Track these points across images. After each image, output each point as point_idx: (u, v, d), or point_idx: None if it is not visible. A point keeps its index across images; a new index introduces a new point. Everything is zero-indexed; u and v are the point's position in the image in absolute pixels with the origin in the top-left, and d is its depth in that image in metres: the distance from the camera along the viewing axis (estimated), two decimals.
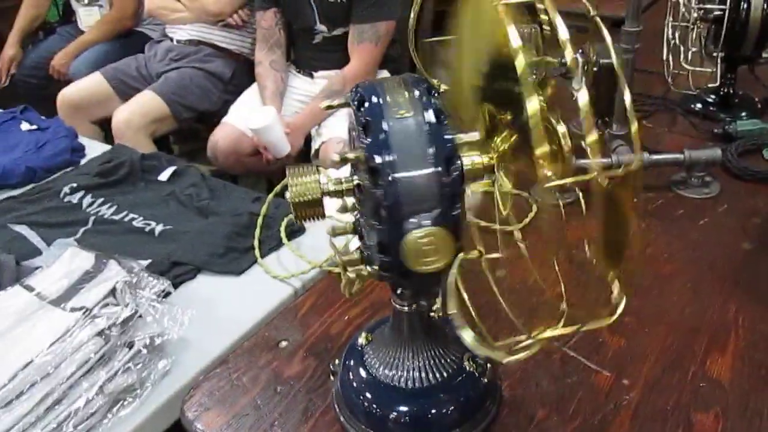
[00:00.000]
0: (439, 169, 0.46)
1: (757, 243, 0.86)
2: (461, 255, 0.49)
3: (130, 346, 0.72)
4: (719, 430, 0.61)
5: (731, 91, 1.21)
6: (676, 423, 0.62)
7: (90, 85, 2.23)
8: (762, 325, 0.73)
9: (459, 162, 0.47)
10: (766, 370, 0.67)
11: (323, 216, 0.53)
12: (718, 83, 1.17)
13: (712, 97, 1.22)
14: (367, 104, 0.48)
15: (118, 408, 0.70)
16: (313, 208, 0.51)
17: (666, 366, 0.68)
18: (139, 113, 2.05)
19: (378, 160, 0.46)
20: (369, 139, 0.46)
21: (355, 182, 0.50)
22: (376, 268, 0.51)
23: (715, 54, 1.14)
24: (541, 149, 0.40)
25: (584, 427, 0.62)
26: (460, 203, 0.48)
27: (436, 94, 0.48)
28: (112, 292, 0.74)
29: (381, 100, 0.47)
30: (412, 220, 0.46)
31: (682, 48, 1.15)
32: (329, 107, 0.53)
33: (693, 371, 0.68)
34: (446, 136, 0.46)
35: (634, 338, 0.72)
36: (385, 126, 0.46)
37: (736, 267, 0.82)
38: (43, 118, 1.46)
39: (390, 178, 0.45)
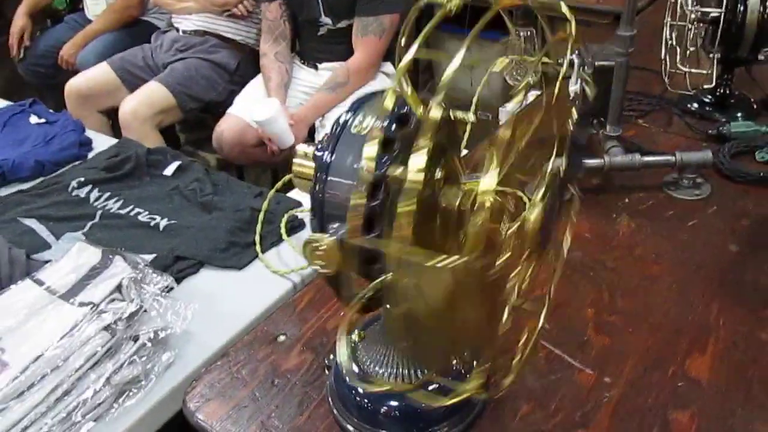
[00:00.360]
0: (360, 188, 0.47)
1: (744, 245, 0.89)
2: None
3: (135, 339, 0.75)
4: (694, 428, 0.64)
5: (728, 92, 1.22)
6: (653, 421, 0.65)
7: (97, 75, 2.26)
8: (742, 327, 0.75)
9: (386, 193, 0.48)
10: (743, 371, 0.70)
11: None
12: (714, 84, 1.19)
13: (709, 97, 1.24)
14: (348, 110, 0.51)
15: (124, 398, 0.73)
16: None
17: (647, 365, 0.71)
18: (145, 104, 2.08)
19: (319, 157, 0.49)
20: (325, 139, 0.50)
21: None
22: None
23: (711, 55, 1.16)
24: None
25: (566, 423, 0.65)
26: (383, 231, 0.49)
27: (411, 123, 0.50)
28: (118, 288, 0.77)
29: (353, 112, 0.50)
30: (326, 221, 0.49)
31: (679, 48, 1.17)
32: None
33: (673, 371, 0.70)
34: (380, 166, 0.48)
35: (619, 337, 0.75)
36: (340, 133, 0.49)
37: (721, 268, 0.85)
38: (51, 111, 1.49)
39: (322, 177, 0.49)
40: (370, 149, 0.47)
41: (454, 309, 0.55)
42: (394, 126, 0.49)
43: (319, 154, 0.51)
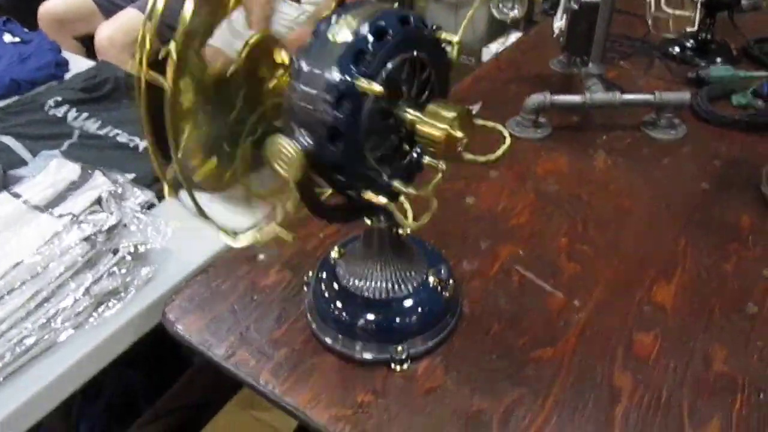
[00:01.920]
0: (327, 96, 0.48)
1: (715, 184, 0.91)
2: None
3: (115, 252, 0.76)
4: (656, 348, 0.67)
5: (709, 38, 1.23)
6: (618, 341, 0.68)
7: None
8: (707, 259, 0.78)
9: (355, 104, 0.48)
10: (706, 299, 0.73)
11: None
12: (696, 28, 1.20)
13: (690, 42, 1.25)
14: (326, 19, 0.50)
15: (103, 309, 0.74)
16: None
17: (615, 291, 0.74)
18: (122, 31, 2.03)
19: (295, 63, 0.49)
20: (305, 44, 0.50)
21: None
22: None
23: None
24: None
25: (535, 341, 0.68)
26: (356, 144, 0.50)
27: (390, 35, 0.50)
28: (98, 200, 0.77)
29: (335, 18, 0.49)
30: (293, 126, 0.49)
31: None
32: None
33: (639, 297, 0.73)
34: (348, 73, 0.48)
35: (589, 265, 0.77)
36: (315, 41, 0.49)
37: (691, 205, 0.87)
38: (26, 31, 1.45)
39: (294, 84, 0.49)
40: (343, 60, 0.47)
41: None
42: (370, 38, 0.49)
43: (294, 59, 0.51)
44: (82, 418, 1.20)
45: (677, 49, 1.25)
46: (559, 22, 1.08)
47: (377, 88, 0.47)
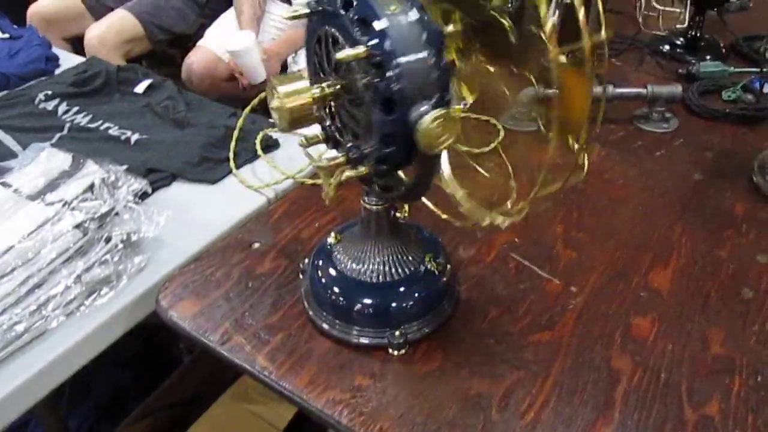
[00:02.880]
0: (434, 55, 0.49)
1: (708, 174, 0.92)
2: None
3: (107, 240, 0.75)
4: (654, 331, 0.67)
5: (698, 35, 1.25)
6: (616, 325, 0.68)
7: (62, 0, 2.18)
8: (702, 246, 0.78)
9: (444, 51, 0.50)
10: (702, 284, 0.73)
11: (314, 120, 0.56)
12: (686, 25, 1.21)
13: (680, 39, 1.26)
14: (356, 3, 0.50)
15: (95, 297, 0.73)
16: (303, 112, 0.54)
17: (612, 276, 0.74)
18: (112, 31, 2.02)
19: (383, 48, 0.48)
20: (367, 35, 0.49)
21: (337, 87, 0.53)
22: (369, 165, 0.53)
23: None
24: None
25: (532, 325, 0.68)
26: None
27: None
28: (90, 188, 0.76)
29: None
30: (419, 106, 0.49)
31: None
32: (294, 17, 0.55)
33: (636, 282, 0.73)
34: (434, 26, 0.49)
35: (585, 252, 0.77)
36: (383, 20, 0.48)
37: (685, 194, 0.88)
38: (16, 27, 1.43)
39: (395, 63, 0.48)
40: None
41: None
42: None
43: (383, 48, 0.49)
44: (71, 416, 1.19)
45: (667, 46, 1.26)
46: (552, 18, 1.08)
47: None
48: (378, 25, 0.48)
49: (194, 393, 1.19)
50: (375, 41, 0.48)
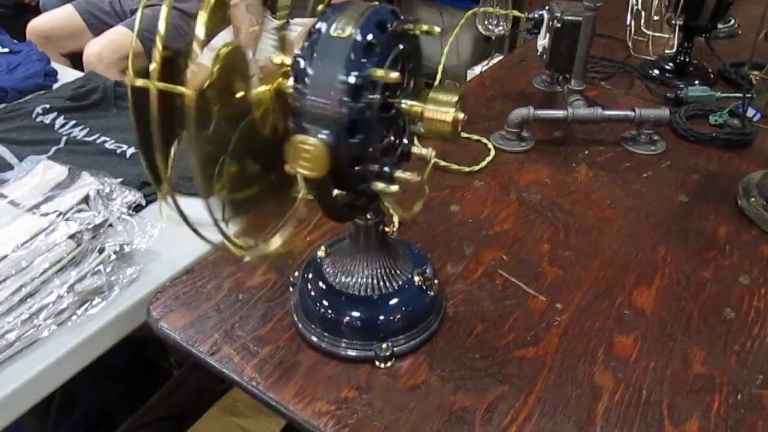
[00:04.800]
0: (343, 90, 0.49)
1: (693, 197, 0.93)
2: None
3: (101, 251, 0.76)
4: (636, 349, 0.68)
5: (687, 60, 1.27)
6: (599, 342, 0.69)
7: (61, 16, 2.20)
8: (686, 266, 0.80)
9: (371, 97, 0.50)
10: (685, 304, 0.74)
11: None
12: (675, 50, 1.24)
13: (669, 64, 1.28)
14: (323, 18, 0.52)
15: (87, 307, 0.74)
16: None
17: (597, 295, 0.75)
18: (111, 48, 2.04)
19: (300, 64, 0.50)
20: (305, 45, 0.51)
21: None
22: None
23: (674, 22, 1.20)
24: None
25: (517, 341, 0.69)
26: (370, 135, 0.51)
27: (392, 27, 0.51)
28: (85, 199, 0.77)
29: (333, 17, 0.51)
30: (309, 125, 0.50)
31: (643, 13, 1.21)
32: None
33: (620, 300, 0.75)
34: (360, 66, 0.49)
35: (571, 270, 0.79)
36: (317, 39, 0.50)
37: (670, 216, 0.89)
38: (15, 42, 1.46)
39: (305, 81, 0.49)
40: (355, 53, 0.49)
41: None
42: (375, 31, 0.50)
43: (298, 60, 0.52)
44: (58, 428, 1.18)
45: (657, 71, 1.28)
46: (543, 41, 1.11)
47: (394, 75, 0.48)
48: (312, 42, 0.50)
49: (183, 407, 1.19)
50: (302, 53, 0.51)
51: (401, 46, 0.52)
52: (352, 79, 0.48)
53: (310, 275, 0.70)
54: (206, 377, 1.25)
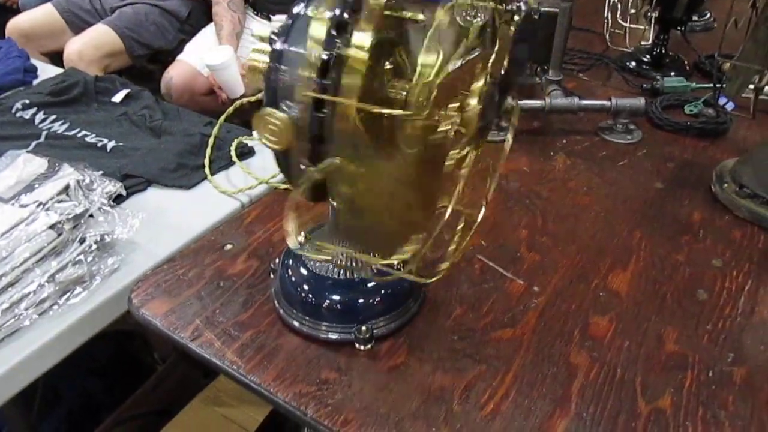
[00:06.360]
0: (311, 70, 0.50)
1: (668, 183, 0.95)
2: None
3: (82, 241, 0.76)
4: (611, 329, 0.70)
5: (663, 52, 1.29)
6: (575, 323, 0.70)
7: (41, 15, 2.20)
8: (661, 250, 0.81)
9: (338, 74, 0.50)
10: (660, 286, 0.76)
11: None
12: (651, 42, 1.26)
13: (646, 56, 1.30)
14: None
15: (68, 297, 0.74)
16: None
17: (573, 278, 0.77)
18: (92, 46, 2.04)
19: (275, 42, 0.51)
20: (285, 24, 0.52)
21: None
22: None
23: (649, 14, 1.22)
24: None
25: (495, 323, 0.70)
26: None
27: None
28: (65, 189, 0.78)
29: (308, 2, 0.52)
30: (278, 99, 0.51)
31: (620, 5, 1.23)
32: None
33: (596, 283, 0.76)
34: (332, 44, 0.49)
35: (548, 255, 0.80)
36: (295, 22, 0.51)
37: (646, 202, 0.91)
38: None
39: (276, 62, 0.51)
40: (319, 28, 0.50)
41: (395, 196, 0.58)
42: (346, 11, 0.51)
43: (273, 38, 0.53)
44: (42, 423, 1.18)
45: (633, 63, 1.30)
46: None
47: (361, 54, 0.49)
48: (289, 21, 0.52)
49: (167, 402, 1.19)
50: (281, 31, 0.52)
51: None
52: (323, 56, 0.49)
53: (291, 261, 0.70)
54: (190, 371, 1.25)
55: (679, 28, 1.28)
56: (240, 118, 1.07)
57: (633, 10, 1.28)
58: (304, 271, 0.69)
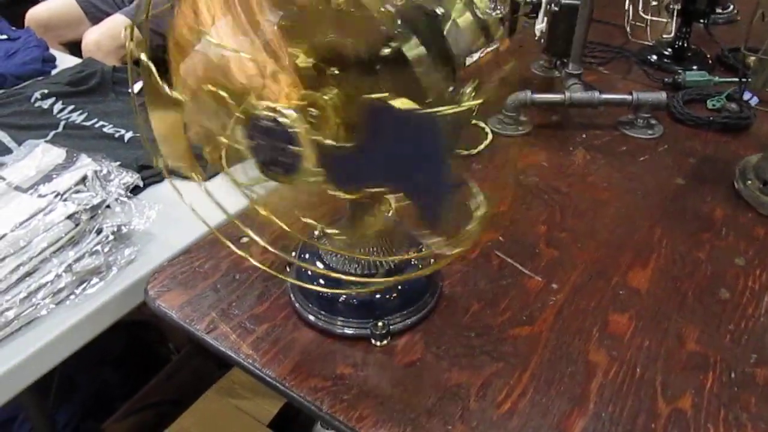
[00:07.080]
0: None
1: (690, 179, 0.94)
2: None
3: (99, 231, 0.76)
4: (631, 327, 0.69)
5: (685, 45, 1.27)
6: (594, 321, 0.69)
7: (60, 5, 2.20)
8: (682, 247, 0.80)
9: None
10: (680, 284, 0.75)
11: None
12: (673, 35, 1.24)
13: (668, 50, 1.28)
14: None
15: (85, 287, 0.74)
16: None
17: (592, 275, 0.76)
18: (109, 36, 2.04)
19: None
20: None
21: None
22: None
23: (672, 6, 1.20)
24: None
25: (513, 319, 0.69)
26: None
27: None
28: (83, 180, 0.78)
29: None
30: None
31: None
32: None
33: (615, 280, 0.75)
34: None
35: (567, 251, 0.79)
36: None
37: (666, 198, 0.89)
38: (13, 28, 1.46)
39: None
40: None
41: None
42: None
43: None
44: (57, 412, 1.19)
45: (654, 56, 1.28)
46: (540, 25, 1.11)
47: None
48: None
49: (181, 392, 1.19)
50: None
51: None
52: None
53: (307, 255, 0.70)
54: (204, 362, 1.26)
55: (701, 20, 1.25)
56: None
57: (655, 3, 1.26)
58: (320, 264, 0.68)
